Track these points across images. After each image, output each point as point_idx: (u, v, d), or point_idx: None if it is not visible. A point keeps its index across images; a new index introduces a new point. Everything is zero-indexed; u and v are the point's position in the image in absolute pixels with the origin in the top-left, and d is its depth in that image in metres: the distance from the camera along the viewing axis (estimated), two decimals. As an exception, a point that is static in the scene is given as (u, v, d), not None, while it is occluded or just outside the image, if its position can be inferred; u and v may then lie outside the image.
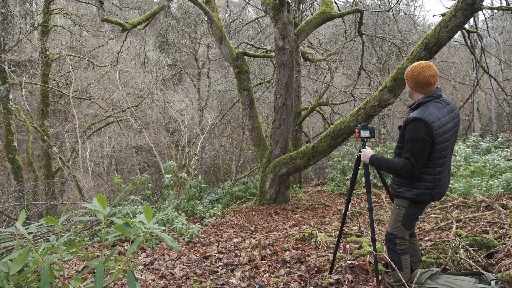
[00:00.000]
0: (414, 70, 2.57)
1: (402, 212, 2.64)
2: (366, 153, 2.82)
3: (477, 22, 9.48)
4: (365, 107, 6.66)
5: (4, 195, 10.56)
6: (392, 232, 2.68)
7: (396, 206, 2.69)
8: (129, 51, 16.93)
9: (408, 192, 2.58)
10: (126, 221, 1.53)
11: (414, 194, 2.56)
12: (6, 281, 1.39)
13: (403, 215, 2.63)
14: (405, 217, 2.63)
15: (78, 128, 12.00)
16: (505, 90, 9.43)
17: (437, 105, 2.52)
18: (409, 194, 2.58)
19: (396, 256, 2.64)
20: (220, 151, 20.15)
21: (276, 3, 7.82)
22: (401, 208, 2.64)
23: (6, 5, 9.84)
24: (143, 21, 8.53)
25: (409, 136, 2.46)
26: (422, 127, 2.41)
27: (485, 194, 5.78)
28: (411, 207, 2.62)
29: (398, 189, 2.66)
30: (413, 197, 2.56)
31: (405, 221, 2.64)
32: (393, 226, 2.68)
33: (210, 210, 6.99)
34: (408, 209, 2.62)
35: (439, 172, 2.53)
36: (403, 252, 2.65)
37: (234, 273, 3.48)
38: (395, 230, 2.66)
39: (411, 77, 2.59)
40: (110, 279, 1.53)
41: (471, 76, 15.85)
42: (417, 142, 2.43)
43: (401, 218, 2.64)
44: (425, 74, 2.53)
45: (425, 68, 2.55)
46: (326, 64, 14.21)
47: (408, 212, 2.63)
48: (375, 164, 2.71)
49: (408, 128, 2.47)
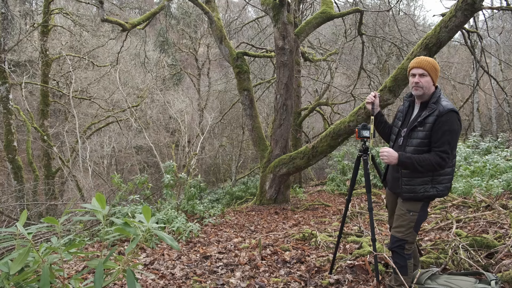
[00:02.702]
0: (436, 63, 2.55)
1: (415, 217, 2.52)
2: (390, 153, 2.47)
3: (477, 22, 9.48)
4: (365, 107, 6.66)
5: (4, 195, 10.56)
6: (403, 238, 2.54)
7: (409, 212, 2.53)
8: (129, 51, 16.93)
9: (433, 190, 2.47)
10: (125, 220, 1.53)
11: (440, 190, 2.47)
12: (6, 281, 1.39)
13: (416, 220, 2.52)
14: (418, 222, 2.54)
15: (78, 128, 12.00)
16: (505, 90, 9.44)
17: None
18: (434, 191, 2.46)
19: (403, 261, 2.55)
20: (220, 151, 20.15)
21: (276, 3, 7.82)
22: (414, 214, 2.52)
23: (6, 5, 9.84)
24: (143, 21, 8.53)
25: (447, 128, 2.38)
26: (456, 118, 2.40)
27: (485, 194, 5.78)
28: (423, 210, 2.53)
29: (421, 190, 2.48)
30: (438, 193, 2.47)
31: (417, 226, 2.55)
32: (405, 233, 2.54)
33: (210, 210, 6.99)
34: (421, 213, 2.53)
35: (454, 163, 2.52)
36: (409, 256, 2.57)
37: (234, 273, 3.48)
38: (407, 236, 2.54)
39: (437, 70, 2.54)
40: (110, 279, 1.53)
41: (471, 76, 15.85)
42: (455, 134, 2.39)
43: (413, 224, 2.52)
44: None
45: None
46: (326, 64, 14.22)
47: (421, 216, 2.54)
48: (406, 163, 2.44)
49: (444, 120, 2.38)
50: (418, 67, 2.52)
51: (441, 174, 2.46)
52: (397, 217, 2.61)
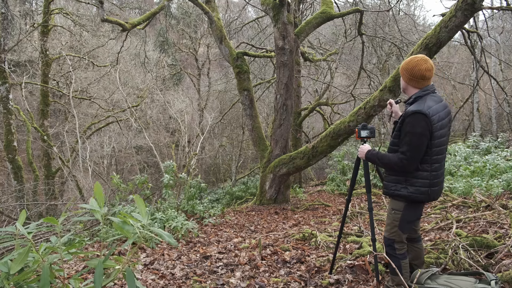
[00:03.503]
0: (410, 63, 2.45)
1: (399, 216, 2.51)
2: (362, 149, 2.72)
3: (477, 22, 9.48)
4: (365, 107, 6.66)
5: (4, 195, 10.56)
6: (389, 237, 2.56)
7: (392, 210, 2.55)
8: (129, 51, 16.93)
9: (404, 190, 2.45)
10: (123, 219, 1.53)
11: (410, 192, 2.43)
12: (6, 281, 1.39)
13: (400, 219, 2.51)
14: (402, 221, 2.51)
15: (78, 128, 11.99)
16: (505, 90, 9.44)
17: (434, 98, 2.44)
18: (405, 192, 2.44)
19: (396, 261, 2.53)
20: (220, 151, 20.14)
21: (276, 3, 7.82)
22: (397, 212, 2.52)
23: (6, 5, 9.84)
24: (143, 21, 8.53)
25: (408, 129, 2.35)
26: (421, 120, 2.31)
27: (485, 194, 5.78)
28: (408, 209, 2.50)
29: (392, 187, 2.51)
30: (409, 195, 2.43)
31: (402, 226, 2.51)
32: (390, 231, 2.56)
33: (210, 210, 6.99)
34: (405, 212, 2.49)
35: (436, 168, 2.43)
36: (403, 256, 2.56)
37: (234, 273, 3.48)
38: (392, 235, 2.55)
39: (406, 70, 2.47)
40: (110, 278, 1.53)
41: (471, 76, 15.85)
42: (415, 136, 2.33)
43: (397, 222, 2.51)
44: (421, 67, 2.42)
45: (421, 61, 2.44)
46: (326, 64, 14.21)
47: (405, 216, 2.50)
48: (371, 159, 2.63)
49: (407, 122, 2.36)
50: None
51: (414, 177, 2.42)
52: (386, 217, 2.66)
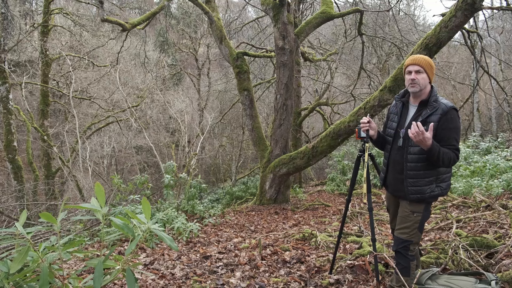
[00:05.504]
0: (431, 60, 2.52)
1: (419, 218, 2.51)
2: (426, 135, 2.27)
3: (477, 22, 9.47)
4: (365, 107, 6.66)
5: (4, 195, 10.56)
6: (408, 239, 2.53)
7: (412, 213, 2.52)
8: (129, 51, 16.92)
9: (437, 189, 2.47)
10: (125, 220, 1.53)
11: (443, 189, 2.49)
12: (5, 280, 1.39)
13: (420, 221, 2.52)
14: (422, 222, 2.53)
15: (78, 128, 12.00)
16: (505, 90, 9.43)
17: None
18: (439, 190, 2.48)
19: (406, 262, 2.53)
20: (220, 151, 20.15)
21: (276, 3, 7.82)
22: (418, 214, 2.51)
23: (6, 5, 9.84)
24: (143, 21, 8.53)
25: (453, 125, 2.39)
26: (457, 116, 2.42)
27: (485, 194, 5.78)
28: (427, 210, 2.53)
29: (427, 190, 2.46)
30: (441, 192, 2.49)
31: (421, 226, 2.54)
32: (410, 234, 2.53)
33: (210, 210, 6.99)
34: (425, 213, 2.52)
35: None
36: (413, 257, 2.56)
37: (234, 273, 3.48)
38: (412, 237, 2.52)
39: (432, 67, 2.52)
40: (109, 278, 1.53)
41: (471, 76, 15.85)
42: (459, 131, 2.42)
43: (418, 224, 2.51)
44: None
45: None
46: (326, 64, 14.22)
47: (425, 217, 2.54)
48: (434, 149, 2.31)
49: (450, 118, 2.38)
50: (414, 64, 2.49)
51: (444, 173, 2.48)
52: (401, 219, 2.58)
